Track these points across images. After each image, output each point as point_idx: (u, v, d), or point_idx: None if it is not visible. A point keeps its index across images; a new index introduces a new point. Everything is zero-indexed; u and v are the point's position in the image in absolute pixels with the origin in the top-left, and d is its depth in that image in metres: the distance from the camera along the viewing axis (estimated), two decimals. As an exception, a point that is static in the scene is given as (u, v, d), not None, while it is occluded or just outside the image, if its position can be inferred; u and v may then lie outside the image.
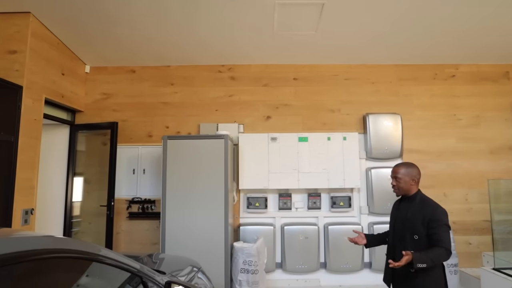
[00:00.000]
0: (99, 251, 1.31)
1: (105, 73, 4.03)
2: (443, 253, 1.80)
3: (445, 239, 1.83)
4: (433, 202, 1.97)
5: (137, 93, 3.98)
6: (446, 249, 1.80)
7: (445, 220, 1.89)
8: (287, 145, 3.70)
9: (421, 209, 1.92)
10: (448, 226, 1.88)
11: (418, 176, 2.01)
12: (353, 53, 3.79)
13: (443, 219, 1.89)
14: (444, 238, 1.84)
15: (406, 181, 2.01)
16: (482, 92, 4.01)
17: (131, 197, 3.80)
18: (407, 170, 2.02)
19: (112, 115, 3.94)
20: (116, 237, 3.72)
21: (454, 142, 3.91)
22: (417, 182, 2.01)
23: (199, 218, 3.18)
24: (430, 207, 1.93)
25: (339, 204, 3.68)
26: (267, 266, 3.46)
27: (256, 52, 3.77)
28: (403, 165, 2.07)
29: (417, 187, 2.01)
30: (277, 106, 3.94)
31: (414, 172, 2.01)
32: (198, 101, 3.96)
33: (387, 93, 3.98)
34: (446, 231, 1.86)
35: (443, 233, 1.85)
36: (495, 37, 3.45)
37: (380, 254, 3.58)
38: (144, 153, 3.88)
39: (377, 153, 3.74)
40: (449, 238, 1.86)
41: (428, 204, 1.95)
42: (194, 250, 3.11)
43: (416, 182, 2.00)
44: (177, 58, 3.88)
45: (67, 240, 1.32)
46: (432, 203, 1.95)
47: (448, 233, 1.87)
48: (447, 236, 1.85)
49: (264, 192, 3.71)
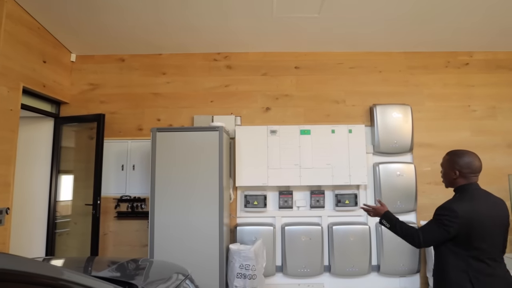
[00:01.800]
0: (61, 275, 1.03)
1: (92, 62, 3.75)
2: (412, 234, 1.66)
3: (426, 227, 1.67)
4: (454, 198, 1.71)
5: (127, 83, 3.71)
6: (418, 234, 1.64)
7: (440, 212, 1.66)
8: (288, 139, 3.41)
9: None
10: (436, 218, 1.66)
11: (466, 169, 1.67)
12: (359, 39, 3.49)
13: (439, 212, 1.68)
14: (426, 226, 1.67)
15: (446, 172, 1.76)
16: (498, 81, 3.71)
17: (119, 195, 3.52)
18: (450, 158, 1.74)
19: (99, 107, 3.66)
20: (103, 238, 3.45)
21: (468, 135, 3.62)
22: (465, 175, 1.68)
23: (191, 218, 2.90)
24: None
25: (345, 202, 3.40)
26: (267, 270, 3.17)
27: (254, 39, 3.49)
28: (449, 152, 1.79)
29: (464, 181, 1.69)
30: (277, 97, 3.65)
31: (459, 161, 1.69)
32: (192, 91, 3.67)
33: (395, 82, 3.69)
34: (433, 222, 1.66)
35: (429, 222, 1.68)
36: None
37: (389, 256, 3.30)
38: (133, 147, 3.60)
39: (385, 147, 3.45)
40: (432, 229, 1.64)
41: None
42: (185, 253, 2.84)
43: (462, 175, 1.68)
44: (169, 45, 3.60)
45: (18, 260, 0.99)
46: (451, 199, 1.70)
47: (435, 225, 1.64)
48: (430, 227, 1.65)
49: (263, 190, 3.43)
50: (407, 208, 3.38)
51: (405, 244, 3.30)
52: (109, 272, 1.96)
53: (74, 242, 3.62)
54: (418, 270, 3.32)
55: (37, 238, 3.46)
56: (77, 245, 3.59)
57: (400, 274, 3.36)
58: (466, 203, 1.62)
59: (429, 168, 3.55)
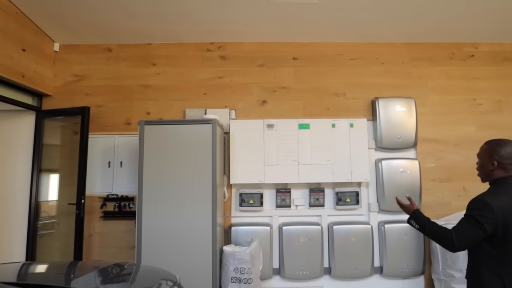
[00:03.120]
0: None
1: (77, 52, 3.52)
2: (444, 236, 1.49)
3: (458, 227, 1.49)
4: (489, 191, 1.55)
5: (114, 74, 3.48)
6: (451, 235, 1.46)
7: (472, 208, 1.50)
8: (286, 133, 3.21)
9: None
10: (470, 216, 1.48)
11: (506, 159, 1.51)
12: (360, 29, 3.31)
13: (471, 207, 1.51)
14: (458, 225, 1.49)
15: (483, 163, 1.59)
16: (504, 74, 3.55)
17: (106, 193, 3.29)
18: (490, 147, 1.57)
19: (85, 99, 3.43)
20: (88, 240, 3.22)
21: (474, 130, 3.46)
22: (504, 166, 1.51)
23: (181, 218, 2.69)
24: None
25: (345, 201, 3.21)
26: (263, 273, 2.97)
27: (249, 28, 3.29)
28: (488, 141, 1.63)
29: (503, 173, 1.52)
30: (274, 89, 3.45)
31: (500, 151, 1.53)
32: (184, 83, 3.46)
33: (398, 75, 3.51)
34: (466, 220, 1.49)
35: (461, 221, 1.51)
36: None
37: (392, 257, 3.12)
38: (121, 143, 3.38)
39: (388, 142, 3.27)
40: (466, 229, 1.47)
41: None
42: (175, 256, 2.63)
43: (502, 167, 1.52)
44: (159, 34, 3.38)
45: None
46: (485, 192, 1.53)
47: (468, 223, 1.47)
48: (463, 226, 1.48)
49: (260, 188, 3.23)
50: (411, 206, 3.20)
51: (409, 243, 3.18)
52: (91, 279, 1.77)
53: (57, 244, 3.39)
54: (423, 272, 3.15)
55: (17, 241, 3.22)
56: (60, 247, 3.36)
57: (403, 276, 3.18)
58: (502, 197, 1.45)
59: (433, 164, 3.39)
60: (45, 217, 3.42)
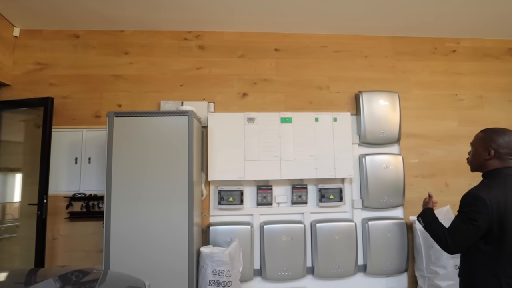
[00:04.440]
0: None
1: (40, 38, 3.21)
2: (439, 236, 1.40)
3: (450, 227, 1.39)
4: (482, 184, 1.44)
5: (82, 63, 3.20)
6: (446, 237, 1.37)
7: (464, 204, 1.40)
8: (267, 127, 3.06)
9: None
10: (462, 213, 1.39)
11: (504, 148, 1.42)
12: (345, 21, 3.20)
13: (463, 204, 1.42)
14: (451, 225, 1.40)
15: (477, 152, 1.49)
16: (485, 70, 3.56)
17: (72, 192, 3.02)
18: (487, 135, 1.47)
19: (48, 90, 3.13)
20: (51, 243, 2.95)
21: (456, 125, 3.44)
22: (501, 156, 1.42)
23: (155, 218, 2.48)
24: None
25: (329, 198, 3.10)
26: (244, 274, 2.81)
27: (230, 16, 3.10)
28: (484, 130, 1.53)
29: (498, 163, 1.42)
30: (255, 82, 3.29)
31: (498, 139, 1.43)
32: (159, 74, 3.23)
33: (382, 68, 3.44)
34: (458, 218, 1.40)
35: (453, 220, 1.41)
36: (501, 7, 2.97)
37: (376, 255, 3.04)
38: (90, 137, 3.11)
39: (372, 137, 3.19)
40: (457, 227, 1.37)
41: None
42: (148, 259, 2.42)
43: (498, 156, 1.42)
44: (133, 21, 3.14)
45: None
46: (477, 186, 1.42)
47: (460, 221, 1.37)
48: (455, 225, 1.39)
49: (240, 185, 3.06)
50: (394, 203, 3.13)
51: (393, 240, 3.11)
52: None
53: (18, 249, 3.09)
54: (406, 269, 3.09)
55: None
56: (21, 252, 3.06)
57: (387, 274, 3.11)
58: (497, 190, 1.34)
59: (416, 160, 3.34)
60: (10, 220, 3.12)
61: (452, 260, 2.73)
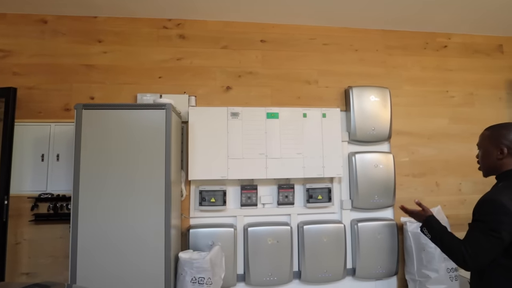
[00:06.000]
0: None
1: (2, 23, 2.91)
2: (456, 252, 1.18)
3: (469, 240, 1.19)
4: (497, 188, 1.27)
5: (50, 51, 2.92)
6: (463, 253, 1.16)
7: (482, 212, 1.22)
8: (252, 123, 2.87)
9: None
10: (482, 222, 1.20)
11: None
12: (335, 13, 3.03)
13: (479, 211, 1.23)
14: (468, 238, 1.20)
15: (487, 152, 1.30)
16: (475, 66, 3.47)
17: (37, 192, 2.75)
18: (494, 132, 1.29)
19: (12, 79, 2.84)
20: (13, 249, 2.67)
21: (446, 123, 3.34)
22: None
23: (128, 221, 2.25)
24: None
25: (317, 198, 2.94)
26: (226, 280, 2.62)
27: (213, 4, 2.89)
28: (490, 127, 1.34)
29: None
30: (240, 74, 3.09)
31: (508, 135, 1.26)
32: (136, 64, 2.99)
33: (372, 63, 3.30)
34: (477, 230, 1.20)
35: (470, 231, 1.22)
36: (492, 3, 2.88)
37: (365, 258, 2.91)
38: (58, 132, 2.84)
39: (362, 134, 3.05)
40: (478, 242, 1.17)
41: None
42: (120, 267, 2.20)
43: (511, 153, 1.25)
44: (107, 6, 2.88)
45: None
46: (493, 190, 1.26)
47: (481, 234, 1.18)
48: (474, 238, 1.19)
49: (222, 184, 2.86)
50: (385, 203, 3.01)
51: (383, 242, 2.98)
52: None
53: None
54: (396, 272, 2.97)
55: None
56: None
57: (376, 277, 2.98)
58: None
59: (407, 158, 3.22)
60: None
61: (444, 263, 2.62)
